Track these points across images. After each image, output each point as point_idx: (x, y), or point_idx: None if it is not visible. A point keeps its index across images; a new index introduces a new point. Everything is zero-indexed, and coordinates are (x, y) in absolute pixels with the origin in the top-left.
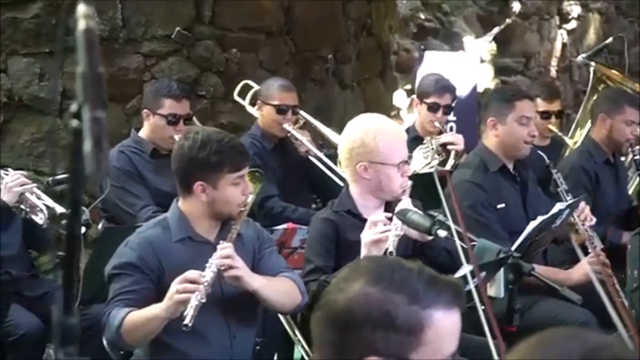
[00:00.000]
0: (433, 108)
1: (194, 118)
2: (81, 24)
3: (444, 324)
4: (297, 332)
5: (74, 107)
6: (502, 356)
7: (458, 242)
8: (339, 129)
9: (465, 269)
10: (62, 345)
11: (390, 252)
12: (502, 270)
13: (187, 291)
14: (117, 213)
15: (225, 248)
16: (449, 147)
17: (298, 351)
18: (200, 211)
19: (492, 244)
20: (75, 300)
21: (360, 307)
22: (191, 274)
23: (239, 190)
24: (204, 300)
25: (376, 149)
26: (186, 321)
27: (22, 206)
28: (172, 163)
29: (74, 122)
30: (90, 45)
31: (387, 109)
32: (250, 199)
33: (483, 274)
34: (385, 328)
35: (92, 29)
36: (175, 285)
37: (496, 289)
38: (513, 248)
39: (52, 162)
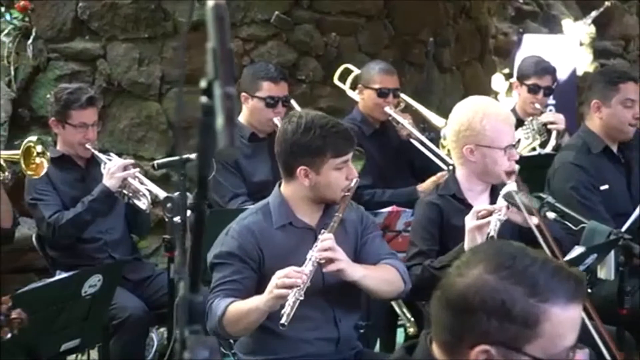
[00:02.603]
0: (533, 90)
1: (292, 101)
2: (210, 0)
3: (562, 318)
4: (406, 312)
5: (203, 84)
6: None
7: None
8: (438, 113)
9: (577, 251)
10: (188, 323)
11: (492, 237)
12: (612, 252)
13: (286, 286)
14: (213, 200)
15: (325, 240)
16: (550, 126)
17: (400, 335)
18: (302, 196)
19: (602, 225)
20: (199, 278)
21: (476, 294)
22: (291, 271)
23: (343, 175)
24: (302, 298)
25: (483, 132)
26: (282, 320)
27: (125, 191)
28: (275, 146)
29: (203, 99)
30: (219, 20)
31: (485, 92)
32: (354, 182)
33: (594, 256)
34: (500, 318)
35: (221, 5)
36: (275, 280)
37: (607, 271)
38: (623, 229)
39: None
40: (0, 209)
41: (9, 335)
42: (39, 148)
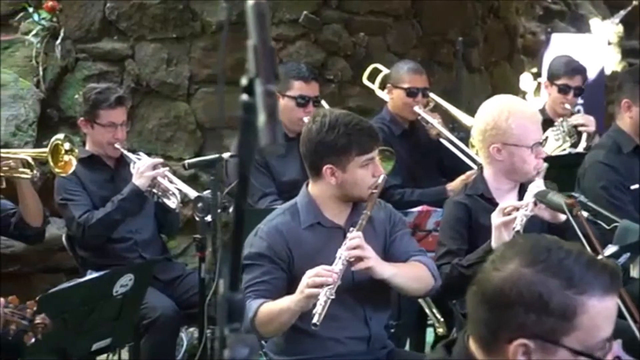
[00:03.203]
0: (564, 90)
1: (323, 101)
2: None
3: (599, 310)
4: (436, 312)
5: (244, 81)
6: None
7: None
8: (467, 113)
9: (610, 250)
10: (227, 321)
11: (517, 231)
12: None
13: (317, 285)
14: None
15: (354, 238)
16: (580, 129)
17: (430, 335)
18: (330, 195)
19: (635, 224)
20: (239, 277)
21: (513, 288)
22: (322, 269)
23: (369, 173)
24: (332, 297)
25: (509, 130)
26: (314, 320)
27: (155, 190)
28: (300, 146)
29: (244, 96)
30: (260, 18)
31: (514, 92)
32: (382, 179)
33: (627, 255)
34: (537, 311)
35: (262, 2)
36: (305, 279)
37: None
38: None
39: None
40: (30, 208)
41: (32, 340)
42: (67, 145)
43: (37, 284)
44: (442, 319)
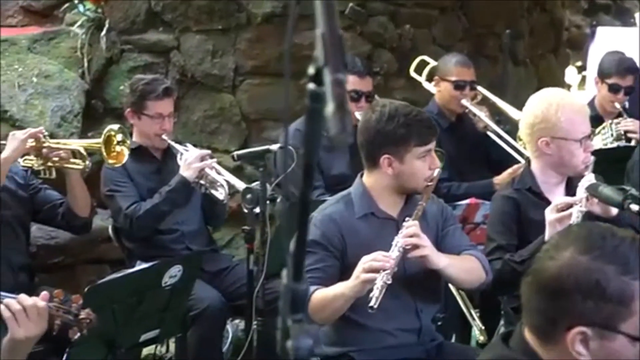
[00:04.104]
0: (614, 89)
1: (377, 97)
2: None
3: None
4: (473, 313)
5: (311, 70)
6: None
7: None
8: (512, 106)
9: None
10: (291, 312)
11: None
12: None
13: (373, 270)
14: (290, 192)
15: (410, 226)
16: (630, 135)
17: (474, 332)
18: (385, 186)
19: None
20: (303, 267)
21: (569, 276)
22: (379, 254)
23: (426, 165)
24: (389, 282)
25: (558, 123)
26: (372, 303)
27: (202, 182)
28: (358, 136)
29: (311, 85)
30: (328, 6)
31: (559, 85)
32: (437, 173)
33: None
34: (595, 298)
35: None
36: (362, 265)
37: None
38: None
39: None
40: (79, 199)
41: (77, 335)
42: (120, 137)
43: (81, 275)
44: (482, 327)
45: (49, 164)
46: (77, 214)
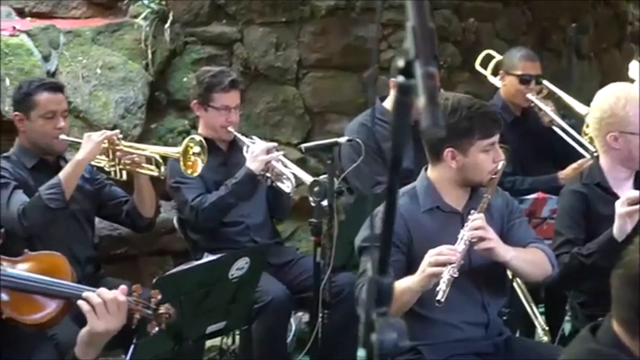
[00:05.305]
0: None
1: (442, 90)
2: None
3: None
4: (536, 311)
5: (400, 63)
6: None
7: None
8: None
9: None
10: (376, 305)
11: None
12: None
13: (440, 264)
14: (354, 186)
15: (476, 219)
16: None
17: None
18: (449, 179)
19: None
20: (389, 260)
21: None
22: (444, 248)
23: (490, 158)
24: (456, 275)
25: (626, 118)
26: (439, 297)
27: (268, 174)
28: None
29: (400, 78)
30: (418, 0)
31: (623, 80)
32: (501, 166)
33: None
34: None
35: None
36: (428, 258)
37: None
38: None
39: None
40: (146, 200)
41: (155, 330)
42: (197, 149)
43: (143, 266)
44: (547, 327)
45: (120, 166)
46: (142, 214)
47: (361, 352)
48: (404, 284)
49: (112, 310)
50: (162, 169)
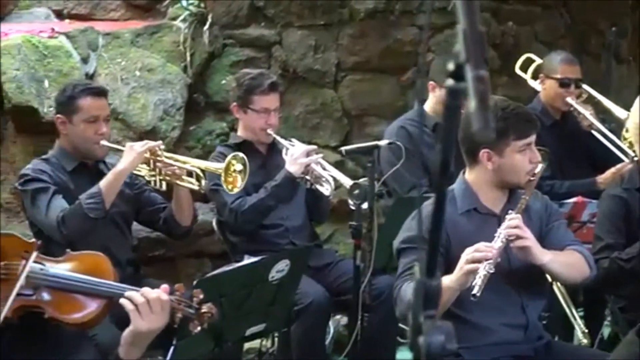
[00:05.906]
0: None
1: None
2: None
3: None
4: (575, 313)
5: (450, 66)
6: None
7: None
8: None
9: None
10: (423, 307)
11: None
12: None
13: (476, 261)
14: (393, 188)
15: (513, 219)
16: None
17: (577, 334)
18: (486, 181)
19: None
20: (437, 263)
21: None
22: (481, 245)
23: (526, 158)
24: (492, 271)
25: None
26: (474, 291)
27: (308, 177)
28: (458, 132)
29: (450, 82)
30: (469, 2)
31: None
32: (540, 168)
33: None
34: None
35: None
36: (465, 256)
37: None
38: None
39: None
40: (184, 210)
41: (198, 329)
42: (239, 166)
43: (181, 268)
44: (586, 330)
45: (160, 177)
46: (180, 222)
47: (401, 354)
48: (443, 284)
49: (156, 310)
50: (203, 182)
